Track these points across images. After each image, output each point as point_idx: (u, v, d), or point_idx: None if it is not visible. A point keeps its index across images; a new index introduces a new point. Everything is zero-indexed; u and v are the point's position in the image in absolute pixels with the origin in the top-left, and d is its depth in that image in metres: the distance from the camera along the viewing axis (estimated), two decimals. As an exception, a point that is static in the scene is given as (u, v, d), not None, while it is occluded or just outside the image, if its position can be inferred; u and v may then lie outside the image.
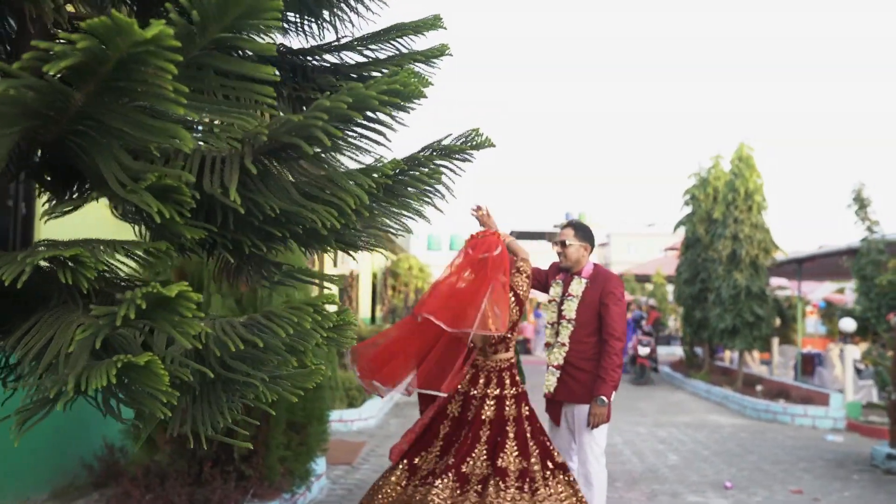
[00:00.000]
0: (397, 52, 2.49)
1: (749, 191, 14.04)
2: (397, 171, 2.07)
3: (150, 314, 1.64)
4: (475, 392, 4.14)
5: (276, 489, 5.08)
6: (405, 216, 2.35)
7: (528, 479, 3.87)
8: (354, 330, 2.40)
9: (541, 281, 4.87)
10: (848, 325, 12.56)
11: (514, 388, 4.18)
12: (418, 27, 2.41)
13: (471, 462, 3.92)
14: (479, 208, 4.53)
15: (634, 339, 17.43)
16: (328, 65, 2.48)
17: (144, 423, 2.16)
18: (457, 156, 2.17)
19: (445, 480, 3.84)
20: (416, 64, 2.51)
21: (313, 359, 2.10)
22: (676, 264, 17.63)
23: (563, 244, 4.73)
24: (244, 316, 1.98)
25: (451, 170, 2.20)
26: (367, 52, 2.47)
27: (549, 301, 4.80)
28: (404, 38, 2.48)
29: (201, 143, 1.84)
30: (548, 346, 4.79)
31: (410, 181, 2.21)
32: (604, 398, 4.53)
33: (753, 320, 13.67)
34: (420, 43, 2.57)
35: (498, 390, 4.13)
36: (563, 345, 4.66)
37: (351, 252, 2.32)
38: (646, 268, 31.49)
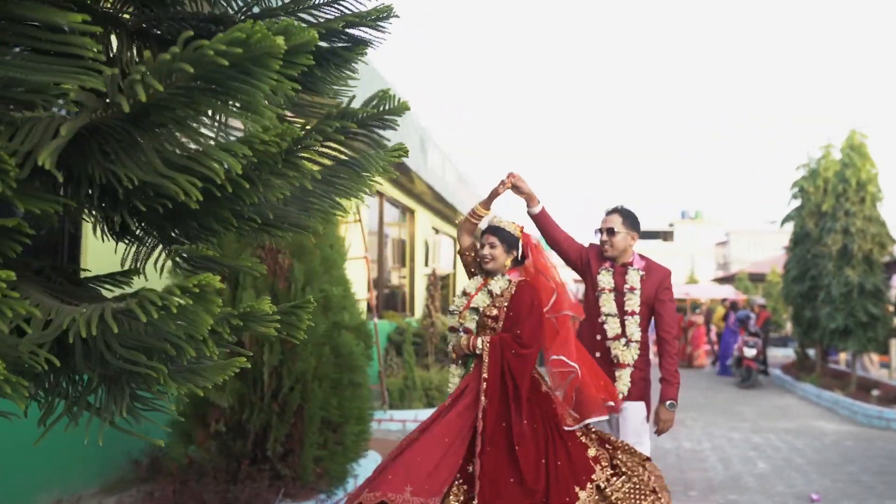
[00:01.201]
0: (339, 15, 2.29)
1: (861, 181, 13.05)
2: (297, 141, 1.87)
3: (-28, 295, 1.50)
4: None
5: (312, 489, 4.96)
6: (338, 193, 2.15)
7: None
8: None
9: (577, 259, 4.45)
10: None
11: None
12: (353, -13, 2.20)
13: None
14: (511, 175, 4.22)
15: (740, 340, 16.57)
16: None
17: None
18: (374, 123, 1.94)
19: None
20: (360, 28, 2.30)
21: (213, 348, 1.91)
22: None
23: (610, 232, 4.35)
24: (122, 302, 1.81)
25: (372, 139, 1.98)
26: (303, 16, 2.27)
27: (607, 291, 4.31)
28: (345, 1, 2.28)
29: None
30: (615, 339, 4.37)
31: (333, 153, 2.00)
32: (673, 402, 4.17)
33: (867, 320, 12.67)
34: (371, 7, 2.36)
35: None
36: (636, 341, 4.25)
37: (276, 233, 2.12)
38: (761, 266, 30.08)
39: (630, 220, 4.35)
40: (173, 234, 2.14)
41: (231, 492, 4.74)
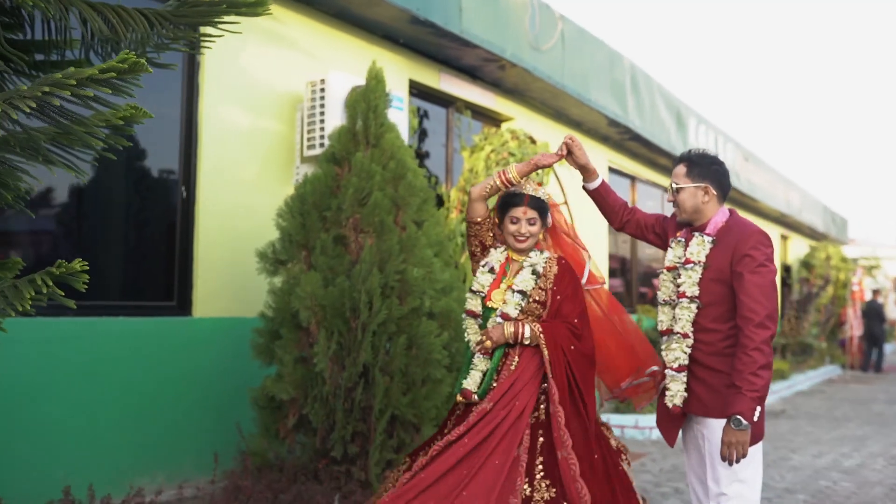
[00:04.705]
0: None
1: None
2: None
3: None
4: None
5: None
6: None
7: None
8: None
9: (654, 235, 3.45)
10: None
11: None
12: None
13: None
14: (570, 139, 3.39)
15: None
16: None
17: None
18: None
19: None
20: None
21: None
22: None
23: (673, 189, 3.23)
24: None
25: None
26: None
27: (667, 269, 3.28)
28: None
29: None
30: (663, 334, 3.27)
31: None
32: (740, 418, 2.87)
33: None
34: None
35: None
36: (686, 336, 3.12)
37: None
38: None
39: (699, 168, 3.14)
40: None
41: (289, 491, 4.34)
